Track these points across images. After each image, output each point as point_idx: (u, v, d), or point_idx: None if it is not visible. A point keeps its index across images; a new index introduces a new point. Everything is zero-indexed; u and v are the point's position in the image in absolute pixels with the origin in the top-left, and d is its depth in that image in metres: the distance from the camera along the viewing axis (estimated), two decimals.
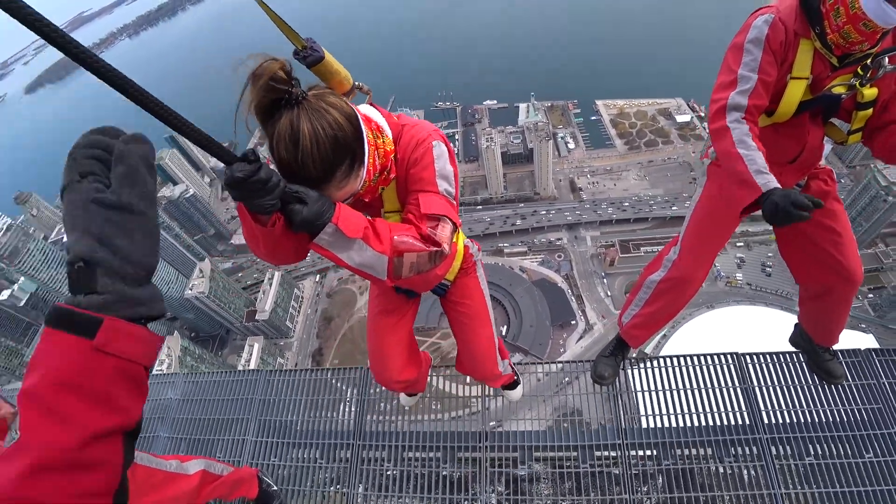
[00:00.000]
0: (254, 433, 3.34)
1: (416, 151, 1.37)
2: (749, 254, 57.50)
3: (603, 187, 71.70)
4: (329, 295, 65.75)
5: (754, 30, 1.72)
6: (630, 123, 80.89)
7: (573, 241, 64.67)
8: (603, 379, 2.88)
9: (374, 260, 1.21)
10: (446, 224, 1.32)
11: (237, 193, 1.00)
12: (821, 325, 2.58)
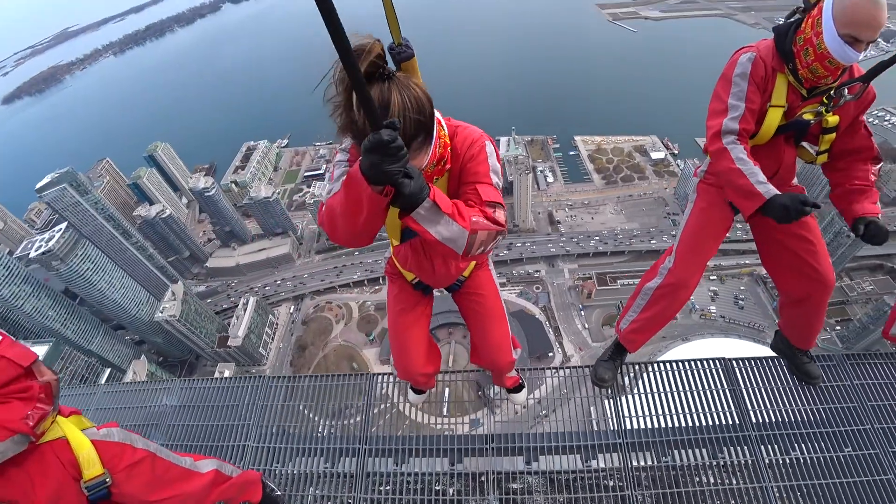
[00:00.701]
0: (254, 439, 3.33)
1: (472, 149, 1.58)
2: (722, 287, 59.17)
3: (581, 220, 73.38)
4: (304, 322, 64.53)
5: (740, 66, 2.04)
6: (607, 159, 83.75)
7: (551, 273, 65.51)
8: (603, 382, 3.07)
9: (458, 234, 1.36)
10: (501, 210, 1.50)
11: (377, 157, 1.10)
12: (799, 330, 2.85)
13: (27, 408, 1.45)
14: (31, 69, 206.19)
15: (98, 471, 1.74)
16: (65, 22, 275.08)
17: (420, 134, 1.34)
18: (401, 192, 1.22)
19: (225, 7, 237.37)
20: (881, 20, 1.72)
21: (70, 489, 1.69)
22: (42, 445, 1.63)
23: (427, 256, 2.09)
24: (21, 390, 1.46)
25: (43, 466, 1.62)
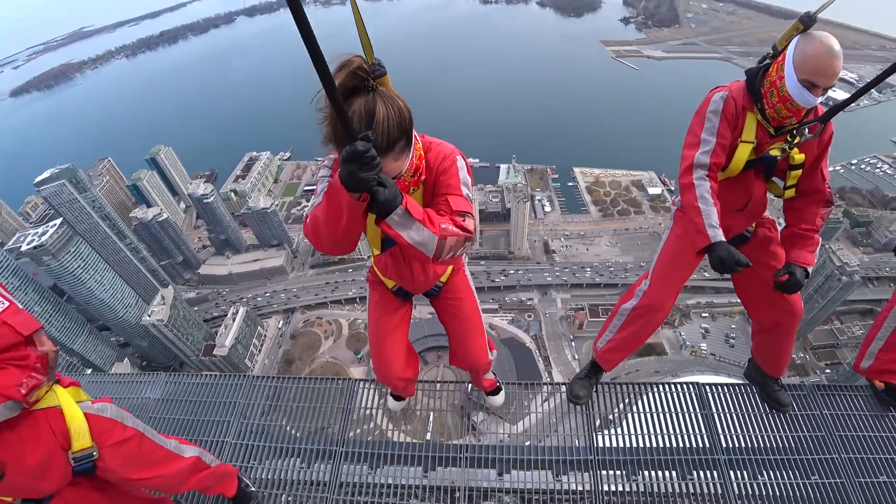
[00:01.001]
0: (234, 436, 3.35)
1: (444, 163, 1.73)
2: (713, 325, 59.39)
3: (575, 251, 73.86)
4: (293, 336, 63.92)
5: (713, 103, 2.21)
6: (605, 192, 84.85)
7: (544, 302, 65.49)
8: (578, 399, 3.15)
9: (428, 239, 1.50)
10: (470, 219, 1.63)
11: (353, 166, 1.22)
12: (770, 357, 2.97)
13: (22, 375, 1.47)
14: (42, 65, 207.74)
15: (87, 443, 1.79)
16: (81, 21, 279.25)
17: (402, 139, 1.46)
18: (376, 198, 1.36)
19: (239, 20, 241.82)
20: (836, 69, 1.90)
21: (58, 458, 1.73)
22: (36, 412, 1.67)
23: (406, 263, 2.19)
24: (19, 358, 1.49)
25: (35, 432, 1.66)
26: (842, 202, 72.69)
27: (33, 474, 1.68)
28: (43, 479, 1.73)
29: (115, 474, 1.96)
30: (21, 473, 1.64)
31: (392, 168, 1.51)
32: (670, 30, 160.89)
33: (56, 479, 1.78)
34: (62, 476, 1.79)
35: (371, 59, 1.39)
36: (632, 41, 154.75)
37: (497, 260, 72.81)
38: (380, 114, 1.36)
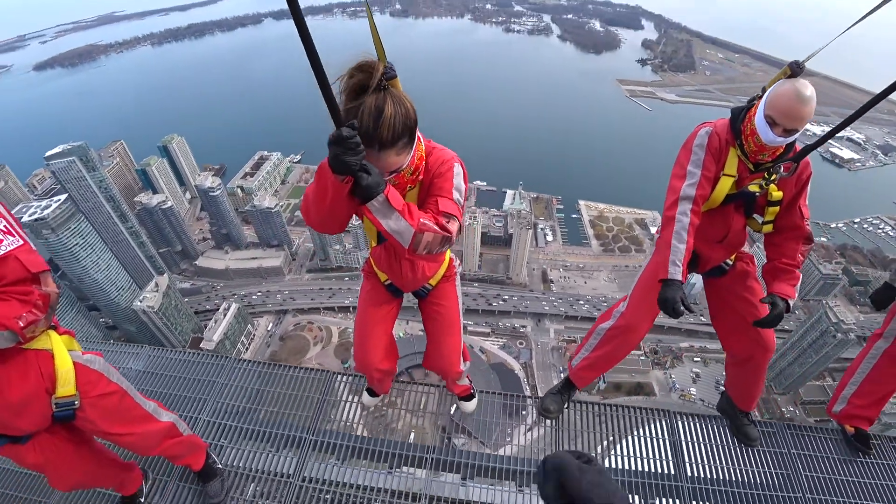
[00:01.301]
0: (209, 413, 3.40)
1: (442, 167, 1.82)
2: (705, 370, 58.91)
3: (573, 283, 73.79)
4: (282, 338, 63.43)
5: (699, 137, 2.33)
6: (607, 227, 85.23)
7: (537, 331, 65.07)
8: (549, 412, 3.22)
9: (404, 229, 1.58)
10: (455, 222, 1.71)
11: (338, 149, 1.33)
12: (741, 390, 3.03)
13: (23, 309, 1.53)
14: (69, 43, 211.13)
15: (70, 391, 1.85)
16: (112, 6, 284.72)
17: (405, 136, 1.56)
18: (358, 182, 1.46)
19: (266, 22, 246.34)
20: (800, 113, 1.98)
21: (40, 399, 1.79)
22: (28, 351, 1.73)
23: (397, 259, 2.29)
24: (22, 293, 1.55)
25: (24, 370, 1.72)
26: (842, 260, 72.92)
27: (14, 410, 1.73)
28: (21, 417, 1.77)
29: (92, 425, 2.01)
30: (3, 407, 1.69)
31: (393, 162, 1.60)
32: (685, 75, 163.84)
33: (34, 421, 1.83)
34: (41, 418, 1.84)
35: (384, 62, 1.48)
36: (647, 82, 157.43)
37: (494, 284, 72.68)
38: (388, 111, 1.46)
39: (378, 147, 1.51)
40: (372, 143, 1.49)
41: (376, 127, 1.47)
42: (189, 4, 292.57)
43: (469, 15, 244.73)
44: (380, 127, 1.47)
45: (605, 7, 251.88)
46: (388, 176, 1.65)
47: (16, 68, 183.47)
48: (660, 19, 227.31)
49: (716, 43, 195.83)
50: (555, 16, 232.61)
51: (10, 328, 1.50)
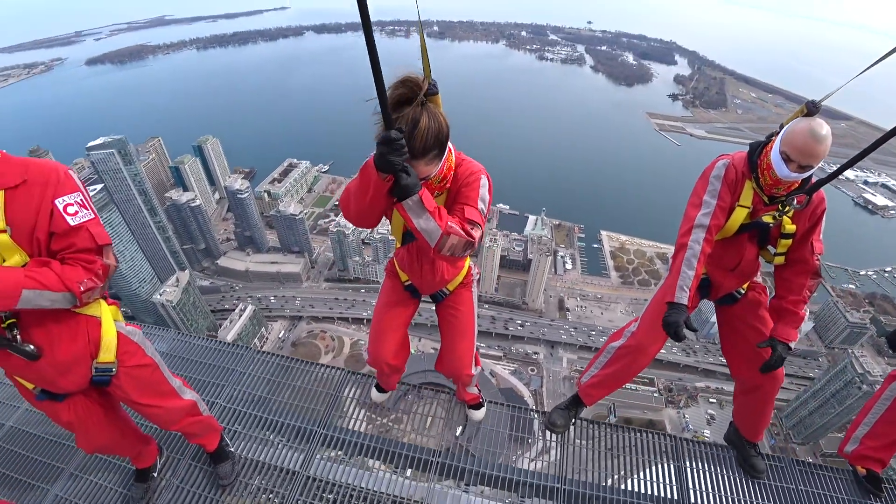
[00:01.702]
0: (225, 399, 3.51)
1: (469, 178, 1.95)
2: (720, 412, 56.82)
3: (590, 313, 72.75)
4: (294, 344, 63.76)
5: (717, 168, 2.42)
6: (628, 259, 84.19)
7: (549, 359, 64.17)
8: (555, 426, 3.26)
9: (434, 230, 1.72)
10: (478, 229, 1.84)
11: (385, 149, 1.48)
12: (749, 420, 3.05)
13: (85, 276, 1.65)
14: (121, 42, 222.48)
15: (110, 358, 2.00)
16: (165, 10, 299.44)
17: (435, 149, 1.71)
18: (398, 182, 1.61)
19: (308, 35, 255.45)
20: (814, 151, 2.04)
21: (83, 362, 1.94)
22: (80, 315, 1.88)
23: (419, 260, 2.41)
24: (87, 261, 1.67)
25: (74, 332, 1.87)
26: (871, 309, 70.17)
27: (59, 368, 1.87)
28: (64, 377, 1.91)
29: (123, 393, 2.14)
30: (51, 364, 1.82)
31: (422, 170, 1.76)
32: (717, 112, 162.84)
33: (75, 381, 1.97)
34: (81, 380, 1.98)
35: (429, 78, 1.63)
36: (677, 117, 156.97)
37: (510, 308, 72.08)
38: (422, 123, 1.62)
39: (412, 156, 1.67)
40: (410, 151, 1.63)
41: (410, 137, 1.61)
42: (236, 13, 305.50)
43: (504, 41, 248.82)
44: (413, 138, 1.62)
45: (639, 41, 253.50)
46: None
47: (69, 62, 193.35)
48: (694, 55, 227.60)
49: (749, 82, 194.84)
50: (588, 47, 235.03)
51: (72, 291, 1.62)
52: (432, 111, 1.65)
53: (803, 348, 65.70)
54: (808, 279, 2.43)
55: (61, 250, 1.65)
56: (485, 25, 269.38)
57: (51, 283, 1.56)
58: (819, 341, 67.46)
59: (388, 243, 70.11)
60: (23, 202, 1.57)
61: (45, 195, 1.60)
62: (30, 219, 1.58)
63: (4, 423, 3.44)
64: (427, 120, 1.62)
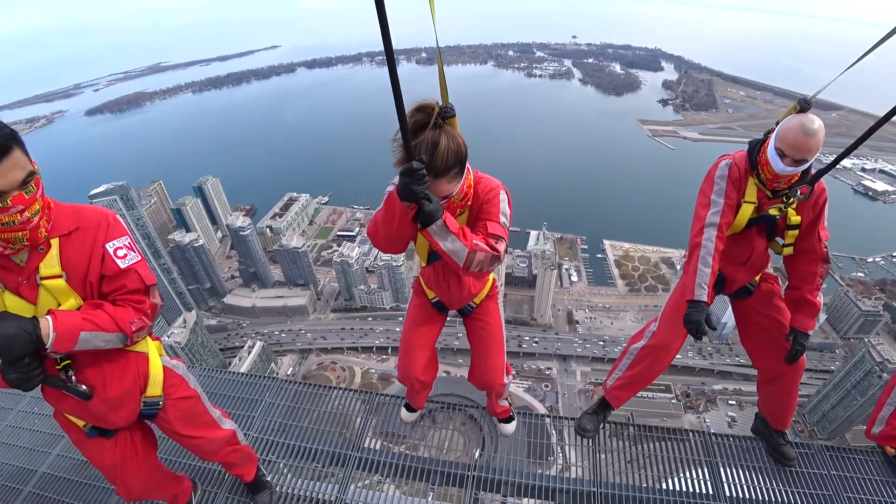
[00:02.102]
0: (257, 430, 3.57)
1: (489, 195, 2.05)
2: (741, 414, 55.80)
3: (599, 324, 72.15)
4: (304, 377, 63.12)
5: (720, 169, 2.53)
6: (633, 266, 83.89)
7: (563, 373, 63.44)
8: (585, 431, 3.29)
9: (460, 249, 1.80)
10: (503, 243, 1.92)
11: (408, 179, 1.58)
12: (775, 409, 3.09)
13: (136, 316, 1.74)
14: (119, 91, 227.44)
15: (158, 392, 2.07)
16: (160, 57, 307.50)
17: (456, 167, 1.79)
18: (421, 209, 1.70)
19: (299, 70, 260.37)
20: (806, 145, 2.16)
21: (133, 397, 2.01)
22: (129, 352, 1.96)
23: (445, 278, 2.49)
24: (137, 301, 1.76)
25: (124, 369, 1.94)
26: (882, 295, 69.17)
27: (111, 404, 1.93)
28: (116, 412, 1.97)
29: (169, 426, 2.20)
30: (103, 400, 1.89)
31: (444, 189, 1.84)
32: (707, 113, 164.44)
33: (125, 416, 2.03)
34: (132, 414, 2.05)
35: (446, 102, 1.75)
36: (669, 122, 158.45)
37: (519, 325, 71.56)
38: (442, 144, 1.70)
39: (433, 175, 1.74)
40: (427, 172, 1.69)
41: (432, 158, 1.71)
42: (229, 55, 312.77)
43: (492, 62, 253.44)
44: (435, 159, 1.71)
45: (624, 50, 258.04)
46: (441, 202, 1.85)
47: (70, 113, 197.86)
48: (679, 60, 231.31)
49: (736, 81, 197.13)
50: (575, 60, 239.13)
51: (125, 331, 1.70)
52: (450, 132, 1.74)
53: (819, 341, 64.94)
54: (819, 266, 2.54)
55: (112, 292, 1.73)
56: (472, 48, 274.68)
57: (105, 325, 1.63)
58: (834, 333, 66.64)
59: (392, 270, 70.31)
60: (76, 248, 1.65)
61: (97, 240, 1.69)
62: (83, 263, 1.66)
63: (37, 468, 3.47)
64: (446, 141, 1.72)
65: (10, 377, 1.50)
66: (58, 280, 1.61)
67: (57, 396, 1.84)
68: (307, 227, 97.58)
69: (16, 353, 1.45)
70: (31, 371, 1.52)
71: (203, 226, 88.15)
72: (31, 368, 1.52)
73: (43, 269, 1.59)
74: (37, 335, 1.48)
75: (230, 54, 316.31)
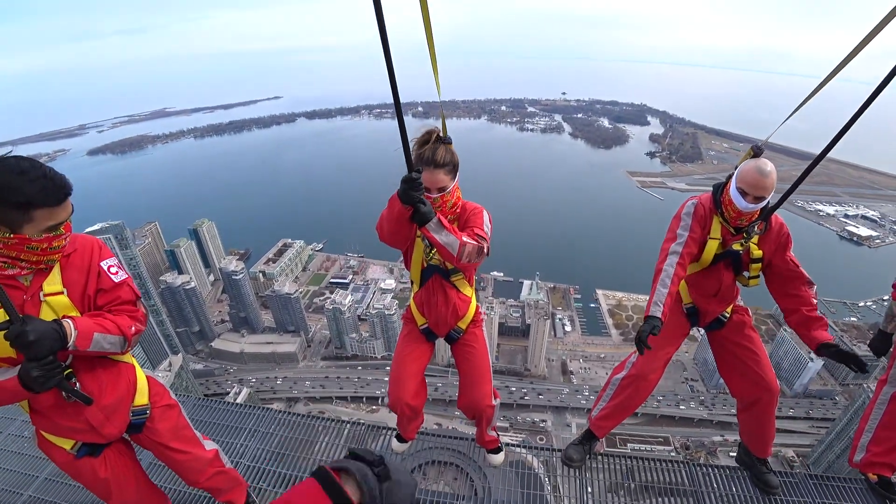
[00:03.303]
0: (250, 458, 3.62)
1: (474, 211, 2.58)
2: None
3: (594, 374, 70.99)
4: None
5: (687, 207, 2.81)
6: (627, 315, 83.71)
7: (558, 425, 61.85)
8: (572, 461, 3.42)
9: (453, 241, 2.23)
10: (485, 241, 2.40)
11: (406, 186, 2.01)
12: (755, 436, 3.20)
13: (132, 322, 1.94)
14: (123, 133, 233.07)
15: (144, 400, 2.22)
16: (165, 103, 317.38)
17: (450, 164, 2.36)
18: (416, 210, 2.11)
19: (299, 121, 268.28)
20: (762, 184, 2.45)
21: (124, 406, 2.14)
22: (119, 362, 2.13)
23: (435, 294, 2.79)
24: (131, 310, 1.98)
25: (117, 377, 2.10)
26: None
27: (106, 412, 2.06)
28: (110, 421, 2.09)
29: (157, 436, 2.31)
30: (100, 408, 2.02)
31: (442, 179, 2.35)
32: (693, 165, 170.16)
33: (118, 425, 2.14)
34: (123, 423, 2.16)
35: (445, 134, 2.38)
36: (657, 173, 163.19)
37: (512, 376, 70.25)
38: (440, 150, 2.32)
39: (433, 166, 2.30)
40: (430, 163, 2.29)
41: (433, 153, 2.30)
42: (232, 104, 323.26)
43: (485, 116, 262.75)
44: (435, 154, 2.30)
45: (612, 106, 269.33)
46: (437, 194, 2.36)
47: (72, 152, 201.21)
48: (664, 115, 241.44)
49: (720, 134, 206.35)
50: (565, 115, 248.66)
51: (125, 335, 1.89)
52: (448, 147, 2.36)
53: (817, 388, 64.44)
54: (805, 288, 2.73)
55: (107, 304, 1.96)
56: (466, 103, 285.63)
57: (111, 329, 1.84)
58: (832, 379, 66.09)
59: (384, 318, 69.72)
60: (75, 267, 1.90)
61: (93, 260, 1.95)
62: (81, 280, 1.90)
63: (23, 492, 3.45)
64: (443, 147, 2.34)
65: (35, 374, 1.63)
66: (60, 296, 1.84)
67: (53, 411, 1.97)
68: (300, 274, 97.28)
69: (47, 349, 1.60)
70: (54, 369, 1.67)
71: (196, 268, 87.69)
72: (53, 366, 1.67)
73: (46, 286, 1.81)
74: (62, 333, 1.65)
75: (233, 103, 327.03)
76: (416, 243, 2.67)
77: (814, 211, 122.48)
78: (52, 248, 1.73)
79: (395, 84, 1.80)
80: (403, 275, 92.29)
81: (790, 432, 58.17)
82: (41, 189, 1.58)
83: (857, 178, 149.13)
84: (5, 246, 1.66)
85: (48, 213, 1.64)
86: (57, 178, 1.63)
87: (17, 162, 1.56)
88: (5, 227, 1.61)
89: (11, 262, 1.72)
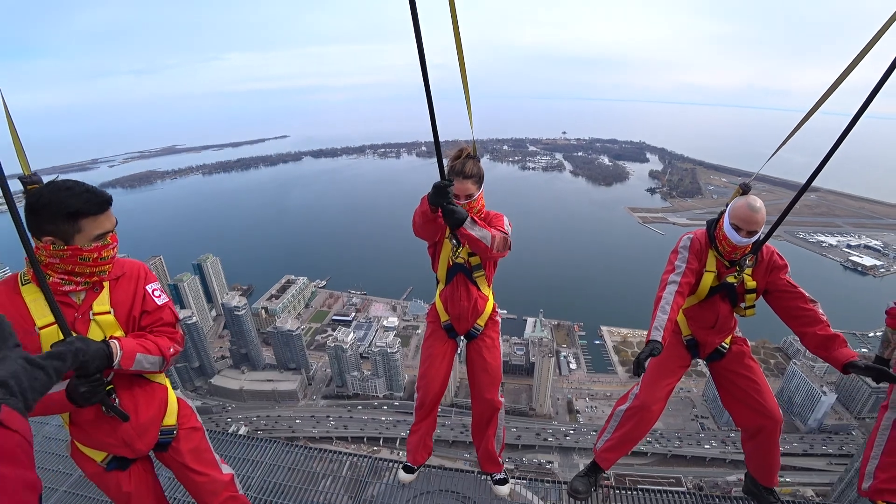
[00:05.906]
0: (256, 490, 3.65)
1: (496, 216, 2.97)
2: None
3: (601, 413, 69.00)
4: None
5: (684, 241, 2.96)
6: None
7: (565, 466, 59.64)
8: (578, 493, 3.39)
9: (486, 235, 2.63)
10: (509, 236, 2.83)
11: (435, 192, 2.42)
12: (761, 465, 3.21)
13: (171, 343, 2.08)
14: (133, 168, 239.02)
15: (173, 421, 2.30)
16: (175, 140, 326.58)
17: (477, 176, 2.81)
18: (446, 214, 2.49)
19: (306, 159, 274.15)
20: (753, 219, 2.61)
21: (156, 424, 2.22)
22: (154, 382, 2.23)
23: (458, 289, 3.12)
24: (171, 332, 2.12)
25: (151, 397, 2.20)
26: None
27: (139, 429, 2.14)
28: (142, 438, 2.17)
29: (180, 456, 2.36)
30: (135, 425, 2.11)
31: (469, 187, 2.78)
32: (693, 200, 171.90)
33: (147, 443, 2.21)
34: (152, 441, 2.24)
35: (475, 153, 2.83)
36: (658, 209, 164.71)
37: (517, 416, 68.31)
38: (469, 163, 2.76)
39: (463, 177, 2.73)
40: (460, 174, 2.72)
41: (463, 166, 2.75)
42: (241, 142, 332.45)
43: (488, 155, 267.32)
44: (465, 167, 2.74)
45: (611, 144, 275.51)
46: (465, 200, 2.77)
47: None
48: (663, 152, 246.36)
49: (718, 169, 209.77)
50: (566, 154, 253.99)
51: (164, 355, 2.01)
52: (476, 162, 2.81)
53: (833, 423, 62.48)
54: (810, 304, 2.79)
55: (150, 325, 2.10)
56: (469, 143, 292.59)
57: (152, 349, 1.97)
58: (847, 413, 64.08)
59: (387, 357, 68.91)
60: (123, 290, 2.05)
61: (139, 284, 2.11)
62: (127, 301, 2.05)
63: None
64: (472, 161, 2.79)
65: (82, 390, 1.76)
66: (108, 315, 1.98)
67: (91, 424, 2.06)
68: (303, 310, 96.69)
69: (96, 367, 1.72)
70: (99, 386, 1.81)
71: (198, 304, 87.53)
72: (99, 383, 1.81)
73: (96, 306, 1.96)
74: (109, 353, 1.77)
75: (242, 141, 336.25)
76: (444, 244, 3.03)
77: (816, 242, 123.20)
78: (101, 258, 1.89)
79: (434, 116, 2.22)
80: (406, 312, 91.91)
81: (808, 470, 56.24)
82: (85, 200, 1.80)
83: (856, 209, 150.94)
84: (62, 260, 1.82)
85: (94, 221, 1.82)
86: (98, 190, 1.85)
87: (63, 182, 1.79)
88: (59, 241, 1.78)
89: (68, 278, 1.88)
